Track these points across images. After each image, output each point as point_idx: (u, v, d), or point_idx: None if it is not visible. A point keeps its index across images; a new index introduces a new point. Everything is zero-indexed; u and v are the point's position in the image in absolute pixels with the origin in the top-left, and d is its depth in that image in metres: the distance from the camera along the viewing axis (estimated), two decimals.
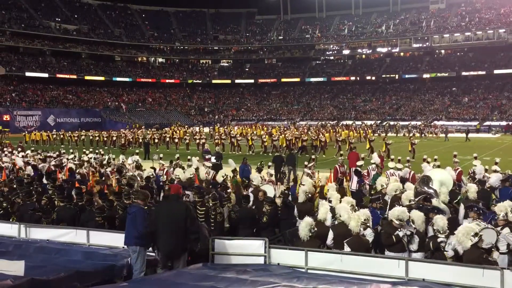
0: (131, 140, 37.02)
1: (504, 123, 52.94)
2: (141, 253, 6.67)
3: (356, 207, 7.86)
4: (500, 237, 6.54)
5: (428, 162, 15.14)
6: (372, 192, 11.78)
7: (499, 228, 6.78)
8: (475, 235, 5.97)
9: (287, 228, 8.62)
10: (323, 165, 14.49)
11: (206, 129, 49.64)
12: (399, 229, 6.67)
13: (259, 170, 13.45)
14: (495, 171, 12.56)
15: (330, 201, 8.56)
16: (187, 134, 39.16)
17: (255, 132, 41.64)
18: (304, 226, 6.84)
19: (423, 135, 45.23)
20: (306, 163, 14.34)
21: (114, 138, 37.62)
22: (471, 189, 9.26)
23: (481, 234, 6.02)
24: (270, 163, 16.09)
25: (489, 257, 5.94)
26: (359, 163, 14.17)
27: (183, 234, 6.63)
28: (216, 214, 8.41)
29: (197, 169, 13.79)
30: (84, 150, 23.38)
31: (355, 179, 12.44)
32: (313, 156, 18.22)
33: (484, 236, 6.03)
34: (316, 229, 6.93)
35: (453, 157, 15.77)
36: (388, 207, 8.68)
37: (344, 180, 12.26)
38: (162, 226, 6.63)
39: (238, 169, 14.51)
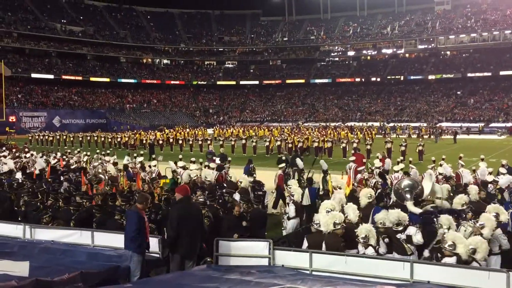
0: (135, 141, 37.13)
1: (509, 124, 52.59)
2: (133, 257, 6.48)
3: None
4: (493, 237, 6.55)
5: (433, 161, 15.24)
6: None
7: None
8: None
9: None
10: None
11: (210, 130, 49.65)
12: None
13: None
14: (504, 174, 12.47)
15: (293, 195, 8.90)
16: (190, 136, 39.31)
17: (257, 134, 41.85)
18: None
19: (431, 136, 44.78)
20: (364, 171, 13.95)
21: (119, 139, 37.78)
22: (472, 191, 9.07)
23: None
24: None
25: None
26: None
27: (201, 235, 6.70)
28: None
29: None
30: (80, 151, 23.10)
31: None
32: (317, 158, 18.21)
33: None
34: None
35: (459, 159, 15.68)
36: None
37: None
38: (185, 229, 6.53)
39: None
